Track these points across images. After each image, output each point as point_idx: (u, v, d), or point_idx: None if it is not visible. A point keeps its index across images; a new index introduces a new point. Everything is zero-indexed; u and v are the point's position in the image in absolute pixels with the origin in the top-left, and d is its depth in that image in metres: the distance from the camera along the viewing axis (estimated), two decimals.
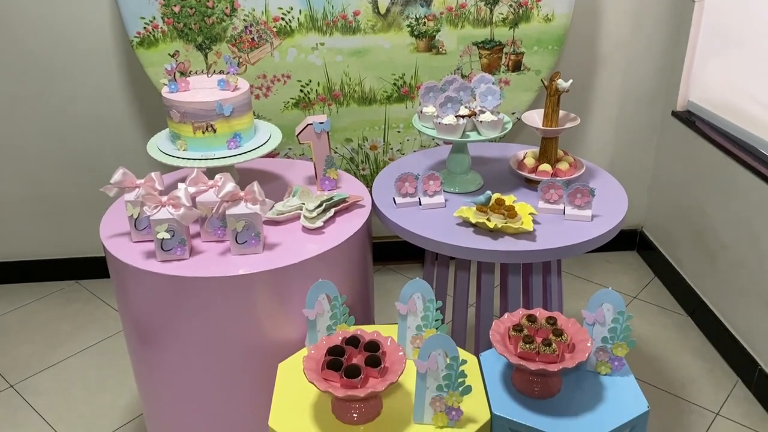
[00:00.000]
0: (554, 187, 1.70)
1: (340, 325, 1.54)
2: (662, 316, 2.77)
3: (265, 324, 1.57)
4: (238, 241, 1.54)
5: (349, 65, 2.51)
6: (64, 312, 2.85)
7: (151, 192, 1.49)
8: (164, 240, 1.50)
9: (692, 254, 2.76)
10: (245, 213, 1.52)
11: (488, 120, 1.72)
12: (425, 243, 1.65)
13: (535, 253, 1.58)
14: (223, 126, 1.65)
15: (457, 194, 1.85)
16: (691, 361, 2.50)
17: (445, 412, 1.32)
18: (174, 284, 1.50)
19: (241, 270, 1.50)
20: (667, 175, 2.96)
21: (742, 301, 2.41)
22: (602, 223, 1.68)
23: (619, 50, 2.82)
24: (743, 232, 2.39)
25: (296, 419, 1.36)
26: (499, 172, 1.97)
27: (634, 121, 2.98)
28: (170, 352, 1.61)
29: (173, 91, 1.67)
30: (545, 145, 1.84)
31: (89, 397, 2.37)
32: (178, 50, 2.43)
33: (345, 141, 2.64)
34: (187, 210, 1.50)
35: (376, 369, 1.33)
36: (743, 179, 2.35)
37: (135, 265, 1.52)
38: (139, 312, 1.61)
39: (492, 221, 1.62)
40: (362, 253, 1.74)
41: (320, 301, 1.51)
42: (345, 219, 1.73)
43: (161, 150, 1.69)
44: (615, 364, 1.45)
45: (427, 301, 1.50)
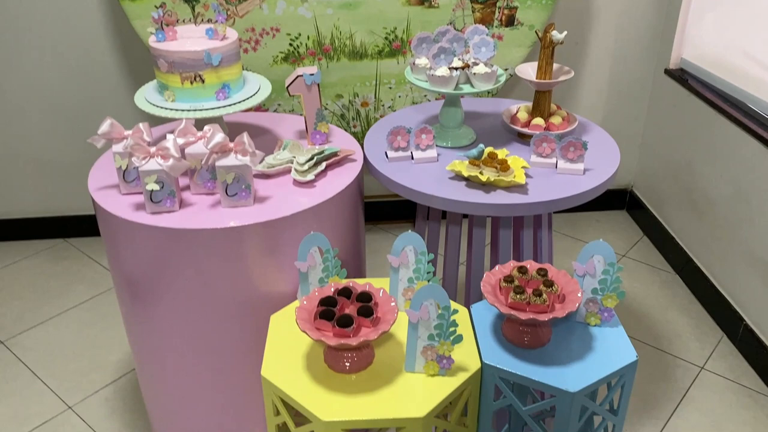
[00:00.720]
0: (547, 141, 1.69)
1: (332, 278, 1.54)
2: (650, 274, 2.80)
3: (256, 277, 1.57)
4: (228, 194, 1.53)
5: (339, 18, 2.46)
6: (53, 269, 2.84)
7: (140, 142, 1.47)
8: (153, 191, 1.49)
9: (681, 212, 2.78)
10: (235, 165, 1.50)
11: (482, 72, 1.70)
12: (417, 197, 1.64)
13: (527, 206, 1.58)
14: (212, 76, 1.62)
15: (449, 149, 1.84)
16: (678, 317, 2.54)
17: (436, 360, 1.33)
18: (164, 236, 1.49)
19: (231, 222, 1.49)
20: (658, 133, 2.95)
21: (730, 258, 2.43)
22: (594, 176, 1.67)
23: (613, 6, 2.79)
24: (732, 190, 2.40)
25: (288, 369, 1.37)
26: (491, 127, 1.96)
27: (626, 79, 2.96)
28: (161, 305, 1.61)
29: (160, 40, 1.63)
30: (538, 98, 1.83)
31: (80, 353, 2.38)
32: (164, 2, 2.37)
33: (335, 97, 2.61)
34: (176, 161, 1.48)
35: (368, 319, 1.33)
36: (734, 137, 2.35)
37: (124, 217, 1.51)
38: (129, 265, 1.60)
39: (484, 174, 1.61)
40: (354, 207, 1.73)
41: (312, 253, 1.50)
42: (336, 173, 1.71)
43: (149, 101, 1.66)
44: (604, 315, 1.47)
45: (419, 254, 1.50)
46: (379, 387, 1.32)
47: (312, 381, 1.33)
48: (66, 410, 2.15)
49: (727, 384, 2.22)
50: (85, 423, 2.10)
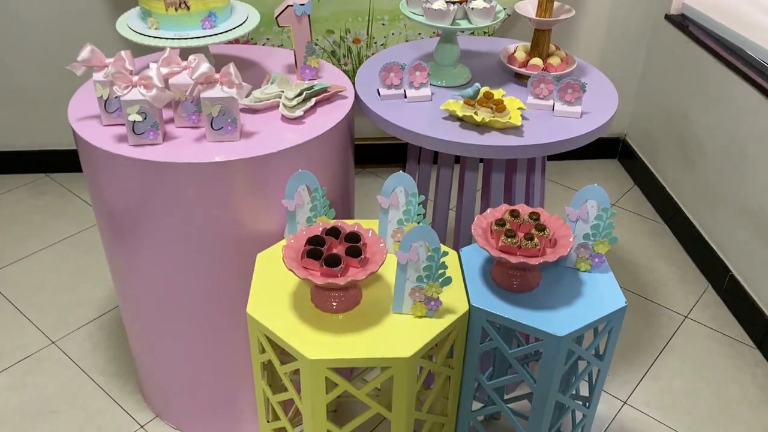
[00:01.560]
0: (545, 82, 1.64)
1: (321, 217, 1.50)
2: (639, 224, 2.80)
3: (242, 214, 1.53)
4: (213, 127, 1.48)
5: None
6: (35, 204, 2.78)
7: (122, 71, 1.40)
8: (136, 123, 1.43)
9: (673, 162, 2.75)
10: (221, 97, 1.44)
11: (480, 7, 1.63)
12: (410, 136, 1.60)
13: (522, 148, 1.54)
14: (198, 3, 1.54)
15: (444, 88, 1.79)
16: (665, 266, 2.55)
17: (424, 302, 1.32)
18: (147, 170, 1.44)
19: (217, 157, 1.44)
20: (655, 81, 2.90)
21: (719, 208, 2.42)
22: (591, 120, 1.63)
23: None
24: (726, 140, 2.37)
25: (275, 307, 1.35)
26: (488, 67, 1.90)
27: (625, 23, 2.88)
28: (144, 241, 1.57)
29: None
30: (537, 38, 1.76)
31: (64, 288, 2.35)
32: None
33: (326, 33, 2.52)
34: (159, 91, 1.42)
35: (356, 259, 1.31)
36: (733, 85, 2.31)
37: (106, 149, 1.45)
38: (111, 200, 1.55)
39: (479, 115, 1.56)
40: (344, 146, 1.69)
41: (300, 192, 1.46)
42: (326, 110, 1.66)
43: (131, 28, 1.58)
44: (595, 261, 1.45)
45: (409, 195, 1.46)
46: (366, 327, 1.30)
47: (298, 320, 1.32)
48: (49, 345, 2.14)
49: (710, 333, 2.25)
50: (68, 357, 2.09)
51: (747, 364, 2.13)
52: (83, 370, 2.06)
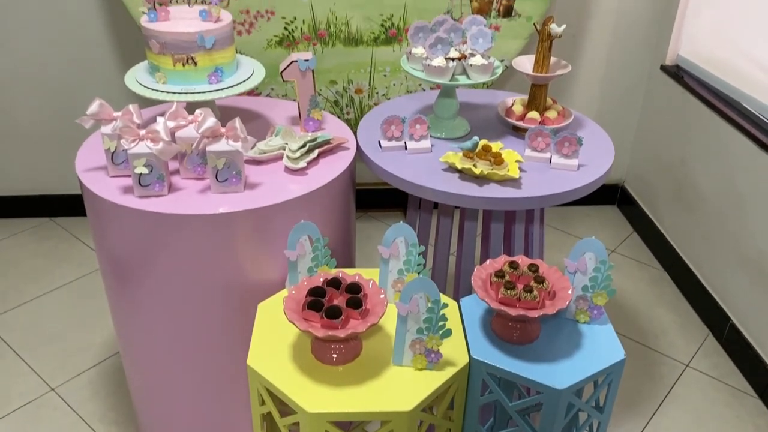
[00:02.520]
0: (542, 135, 1.67)
1: (322, 267, 1.52)
2: (639, 270, 2.81)
3: (244, 264, 1.55)
4: (218, 179, 1.51)
5: (335, 3, 2.43)
6: (38, 249, 2.80)
7: (129, 124, 1.44)
8: (142, 175, 1.46)
9: (672, 209, 2.78)
10: (226, 150, 1.47)
11: (478, 63, 1.68)
12: (410, 187, 1.63)
13: (520, 200, 1.57)
14: (205, 59, 1.59)
15: (443, 139, 1.82)
16: (665, 314, 2.55)
17: (425, 354, 1.32)
18: (152, 221, 1.47)
19: (221, 208, 1.47)
20: (652, 129, 2.95)
21: (718, 256, 2.44)
22: (588, 172, 1.66)
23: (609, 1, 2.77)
24: (723, 188, 2.40)
25: (275, 359, 1.35)
26: (486, 119, 1.94)
27: (622, 74, 2.95)
28: (147, 290, 1.59)
29: (153, 20, 1.59)
30: (534, 92, 1.81)
31: (65, 334, 2.35)
32: None
33: (330, 83, 2.58)
34: (166, 144, 1.45)
35: (357, 311, 1.32)
36: (728, 135, 2.35)
37: (112, 200, 1.48)
38: (115, 248, 1.58)
39: (478, 167, 1.59)
40: (345, 196, 1.71)
41: (302, 242, 1.49)
42: (329, 161, 1.69)
43: (139, 82, 1.63)
44: (594, 313, 1.46)
45: (409, 246, 1.48)
46: (366, 380, 1.31)
47: (298, 372, 1.32)
48: (48, 392, 2.13)
49: (712, 382, 2.24)
50: (67, 405, 2.08)
51: (749, 414, 2.12)
52: (82, 417, 2.04)
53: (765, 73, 2.24)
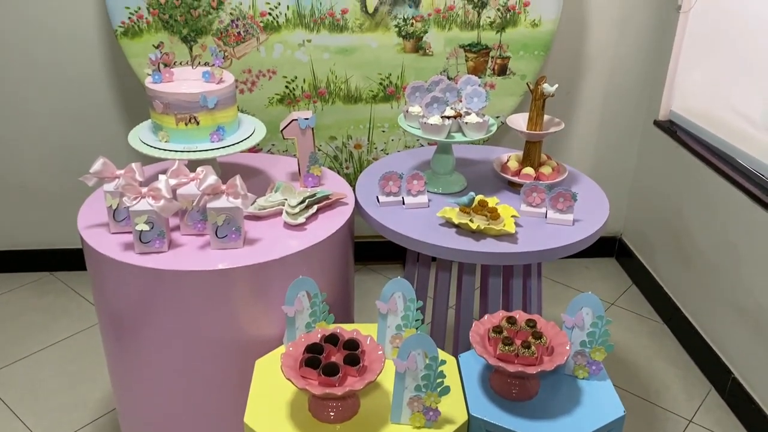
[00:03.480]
0: (537, 191, 1.70)
1: (320, 323, 1.52)
2: (638, 323, 2.80)
3: (243, 320, 1.55)
4: (218, 235, 1.53)
5: (335, 63, 2.50)
6: (37, 303, 2.80)
7: (131, 182, 1.47)
8: (143, 232, 1.48)
9: (670, 262, 2.79)
10: (226, 207, 1.50)
11: (473, 122, 1.72)
12: (408, 242, 1.65)
13: (517, 255, 1.58)
14: (207, 118, 1.63)
15: (440, 195, 1.85)
16: (666, 368, 2.53)
17: (423, 412, 1.31)
18: (152, 277, 1.48)
19: (220, 264, 1.48)
20: (648, 183, 2.99)
21: (718, 309, 2.44)
22: (583, 227, 1.68)
23: (603, 57, 2.85)
24: (720, 242, 2.42)
25: (272, 417, 1.34)
26: (482, 174, 1.98)
27: (616, 129, 3.01)
28: (146, 345, 1.59)
29: (157, 81, 1.64)
30: (529, 148, 1.85)
31: (61, 390, 2.33)
32: (162, 42, 2.39)
33: (329, 139, 2.63)
34: (167, 202, 1.48)
35: (354, 368, 1.32)
36: (723, 189, 2.38)
37: (112, 256, 1.50)
38: (115, 304, 1.58)
39: (475, 222, 1.62)
40: (344, 250, 1.73)
41: (300, 298, 1.49)
42: (327, 216, 1.72)
43: (143, 141, 1.66)
44: (592, 369, 1.46)
45: (407, 301, 1.49)
46: None
47: (296, 430, 1.31)
48: None
49: None
50: None
51: None
52: None
53: (755, 128, 2.29)
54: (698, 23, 2.63)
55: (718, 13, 2.50)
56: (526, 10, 2.49)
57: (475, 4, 2.47)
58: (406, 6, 2.45)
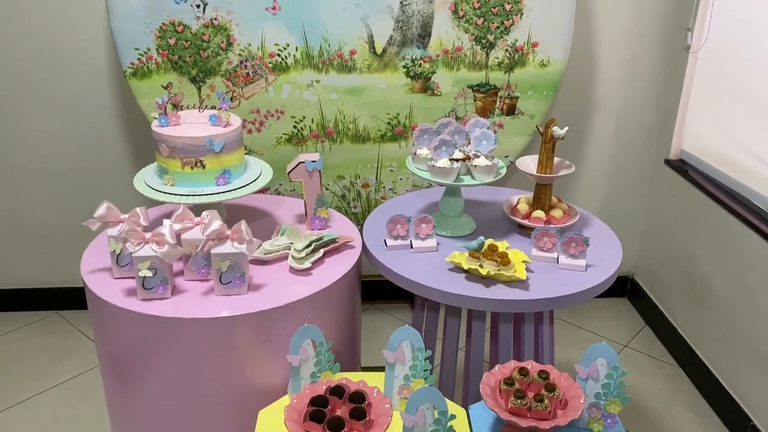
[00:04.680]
0: (548, 235, 1.67)
1: (325, 373, 1.48)
2: (653, 366, 2.73)
3: (247, 368, 1.51)
4: (222, 282, 1.50)
5: (343, 103, 2.50)
6: (41, 344, 2.77)
7: (135, 228, 1.45)
8: (146, 278, 1.45)
9: (683, 303, 2.73)
10: (231, 252, 1.47)
11: (482, 165, 1.70)
12: (416, 288, 1.61)
13: (528, 302, 1.54)
14: (213, 162, 1.62)
15: (449, 237, 1.82)
16: (682, 413, 2.45)
17: None
18: (154, 324, 1.45)
19: (223, 312, 1.45)
20: (659, 222, 2.94)
21: (734, 353, 2.37)
22: (596, 272, 1.64)
23: (613, 97, 2.83)
24: (734, 283, 2.36)
25: None
26: (492, 216, 1.95)
27: (627, 168, 2.98)
28: (147, 391, 1.55)
29: (163, 125, 1.63)
30: (539, 191, 1.82)
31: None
32: (171, 82, 2.40)
33: (337, 178, 2.61)
34: (171, 248, 1.45)
35: (360, 422, 1.27)
36: (734, 229, 2.34)
37: (114, 303, 1.47)
38: (116, 350, 1.55)
39: (484, 268, 1.58)
40: (350, 295, 1.70)
41: (305, 346, 1.46)
42: (334, 260, 1.69)
43: (148, 184, 1.65)
44: (608, 422, 1.40)
45: (416, 350, 1.45)
46: None
47: None
48: None
49: None
50: None
51: None
52: None
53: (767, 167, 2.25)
54: (708, 62, 2.61)
55: (728, 53, 2.49)
56: (535, 50, 2.49)
57: (483, 45, 2.47)
58: (414, 47, 2.45)
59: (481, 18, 2.44)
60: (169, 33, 2.35)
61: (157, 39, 2.35)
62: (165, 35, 2.35)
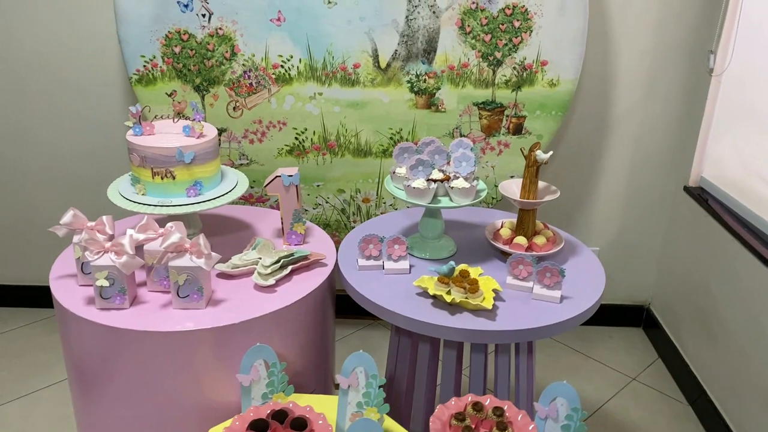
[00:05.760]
0: (523, 263, 1.59)
1: (277, 394, 1.45)
2: (660, 403, 2.59)
3: (202, 384, 1.49)
4: (179, 295, 1.48)
5: (346, 116, 2.47)
6: (44, 342, 2.82)
7: (94, 237, 1.45)
8: (103, 287, 1.45)
9: (696, 338, 2.59)
10: (188, 266, 1.45)
11: (460, 186, 1.63)
12: (379, 311, 1.56)
13: (493, 334, 1.47)
14: (183, 173, 1.61)
15: (428, 260, 1.76)
16: None
17: None
18: (109, 334, 1.44)
19: (177, 326, 1.43)
20: (676, 251, 2.80)
21: (745, 395, 2.22)
22: (571, 305, 1.56)
23: (629, 119, 2.72)
24: (747, 321, 2.22)
25: None
26: (475, 240, 1.88)
27: (644, 194, 2.85)
28: (104, 400, 1.54)
29: (137, 134, 1.63)
30: (522, 216, 1.74)
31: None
32: (175, 90, 2.42)
33: (337, 191, 2.58)
34: (129, 258, 1.45)
35: None
36: (752, 266, 2.20)
37: (72, 310, 1.47)
38: (76, 356, 1.55)
39: (450, 295, 1.52)
40: (319, 314, 1.65)
41: (256, 366, 1.43)
42: (303, 277, 1.65)
43: (121, 193, 1.65)
44: None
45: (369, 377, 1.40)
46: None
47: None
48: None
49: None
50: None
51: None
52: None
53: None
54: (732, 87, 2.48)
55: (753, 78, 2.36)
56: (544, 69, 2.41)
57: (491, 62, 2.41)
58: (419, 62, 2.41)
59: (488, 34, 2.38)
60: (175, 41, 2.37)
61: (163, 47, 2.37)
62: (170, 43, 2.37)
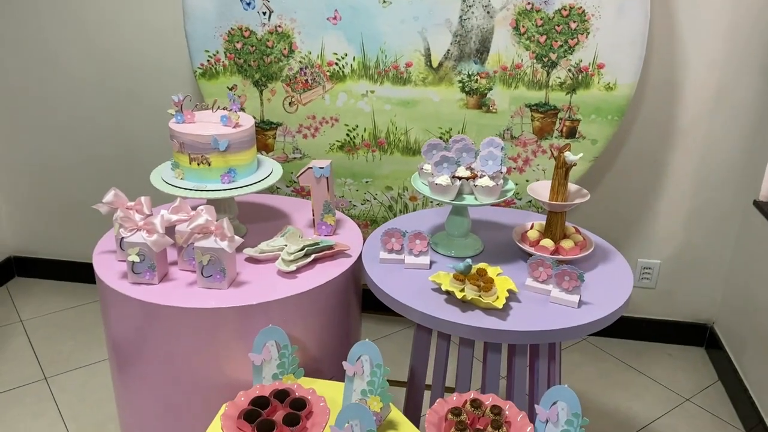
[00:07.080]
0: (543, 266, 1.56)
1: (287, 376, 1.49)
2: (714, 427, 2.44)
3: (222, 361, 1.56)
4: (203, 274, 1.56)
5: (396, 114, 2.50)
6: None
7: (128, 215, 1.55)
8: (135, 263, 1.55)
9: (759, 363, 2.43)
10: (212, 247, 1.53)
11: (484, 185, 1.62)
12: (393, 304, 1.58)
13: (501, 333, 1.45)
14: (219, 160, 1.69)
15: (452, 258, 1.76)
16: None
17: None
18: (136, 307, 1.54)
19: (199, 303, 1.51)
20: (745, 269, 2.64)
21: None
22: (589, 311, 1.51)
23: (696, 128, 2.59)
24: None
25: None
26: (503, 240, 1.85)
27: (710, 207, 2.70)
28: (134, 372, 1.64)
29: (179, 122, 1.73)
30: (551, 219, 1.71)
31: (106, 403, 2.47)
32: (236, 84, 2.54)
33: (385, 189, 2.62)
34: (159, 237, 1.54)
35: (292, 428, 1.27)
36: None
37: (107, 282, 1.58)
38: (111, 328, 1.67)
39: (462, 292, 1.51)
40: (339, 302, 1.69)
41: (268, 347, 1.48)
42: (326, 266, 1.70)
43: (162, 177, 1.76)
44: None
45: (374, 366, 1.42)
46: None
47: None
48: None
49: None
50: None
51: None
52: None
53: None
54: None
55: None
56: (600, 72, 2.34)
57: (545, 64, 2.37)
58: (471, 62, 2.40)
59: (543, 35, 2.34)
60: (237, 37, 2.48)
61: (226, 42, 2.49)
62: (233, 39, 2.49)
